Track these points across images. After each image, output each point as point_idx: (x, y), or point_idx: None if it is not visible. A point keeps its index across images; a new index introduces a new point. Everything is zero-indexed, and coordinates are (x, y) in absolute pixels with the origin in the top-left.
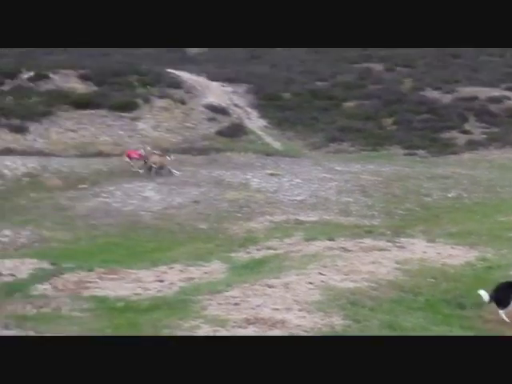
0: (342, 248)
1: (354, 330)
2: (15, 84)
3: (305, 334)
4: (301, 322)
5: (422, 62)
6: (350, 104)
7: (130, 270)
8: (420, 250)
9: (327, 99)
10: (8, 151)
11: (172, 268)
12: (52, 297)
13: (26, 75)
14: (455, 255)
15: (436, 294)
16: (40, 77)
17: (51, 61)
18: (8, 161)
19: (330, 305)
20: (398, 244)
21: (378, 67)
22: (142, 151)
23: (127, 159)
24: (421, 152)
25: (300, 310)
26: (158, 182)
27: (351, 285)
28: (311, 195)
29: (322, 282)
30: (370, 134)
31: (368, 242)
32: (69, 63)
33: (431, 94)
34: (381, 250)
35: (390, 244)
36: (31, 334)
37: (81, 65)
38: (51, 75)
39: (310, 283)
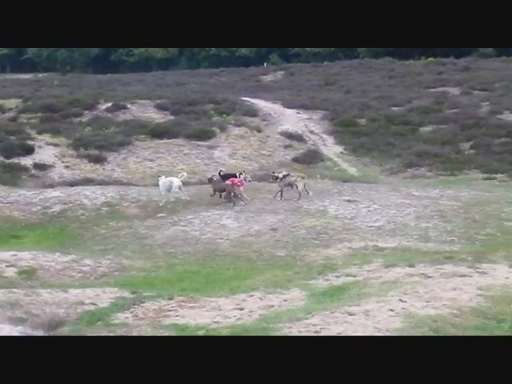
0: (423, 274)
1: None
2: (93, 115)
3: None
4: None
5: (499, 85)
6: (426, 129)
7: (209, 298)
8: (502, 275)
9: (403, 124)
10: (87, 181)
11: (251, 296)
12: (133, 325)
13: (103, 106)
14: None
15: None
16: (118, 107)
17: (128, 91)
18: (88, 191)
19: (412, 332)
20: (479, 270)
21: (454, 91)
22: (242, 177)
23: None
24: (500, 176)
25: None
26: (235, 210)
27: (433, 312)
28: (389, 221)
29: (403, 309)
30: (447, 158)
31: (448, 268)
32: (145, 93)
33: (509, 117)
34: (462, 276)
35: (471, 270)
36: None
37: (157, 95)
38: (128, 105)
39: (391, 310)
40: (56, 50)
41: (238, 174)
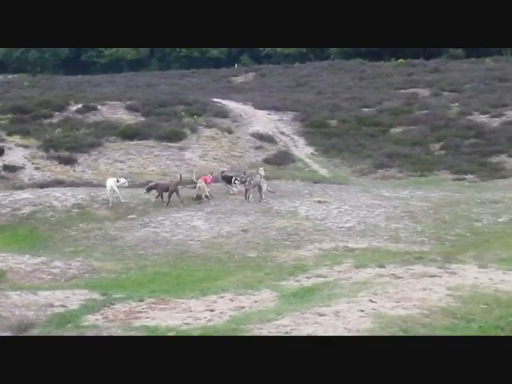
0: (393, 275)
1: None
2: (64, 116)
3: None
4: None
5: (469, 87)
6: (396, 130)
7: (180, 300)
8: (472, 275)
9: (374, 125)
10: (58, 183)
11: (222, 297)
12: (103, 327)
13: (74, 107)
14: (508, 281)
15: (489, 321)
16: (88, 109)
17: (98, 93)
18: (58, 192)
19: (382, 333)
20: (449, 270)
21: (424, 92)
22: (211, 175)
23: (204, 184)
24: (470, 177)
25: None
26: (206, 212)
27: (403, 312)
28: (360, 222)
29: (373, 309)
30: (417, 159)
31: (418, 268)
32: (116, 95)
33: (479, 118)
34: (432, 276)
35: (440, 270)
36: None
37: (128, 96)
38: (99, 107)
39: (361, 311)
40: (27, 50)
41: (234, 178)
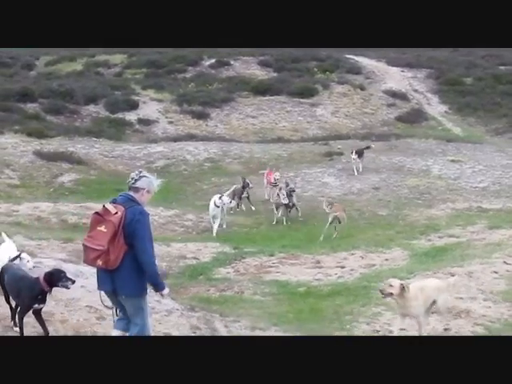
0: None
1: None
2: (197, 71)
3: (490, 325)
4: (486, 312)
5: None
6: None
7: (310, 256)
8: None
9: (511, 84)
10: (190, 137)
11: (352, 254)
12: (234, 280)
13: (207, 62)
14: None
15: None
16: (221, 64)
17: (231, 48)
18: (191, 146)
19: None
20: None
21: None
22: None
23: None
24: None
25: (485, 300)
26: (337, 168)
27: None
28: (494, 182)
29: (508, 271)
30: None
31: None
32: (249, 50)
33: None
34: None
35: None
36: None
37: (261, 52)
38: (232, 62)
39: (495, 272)
40: None
41: None
